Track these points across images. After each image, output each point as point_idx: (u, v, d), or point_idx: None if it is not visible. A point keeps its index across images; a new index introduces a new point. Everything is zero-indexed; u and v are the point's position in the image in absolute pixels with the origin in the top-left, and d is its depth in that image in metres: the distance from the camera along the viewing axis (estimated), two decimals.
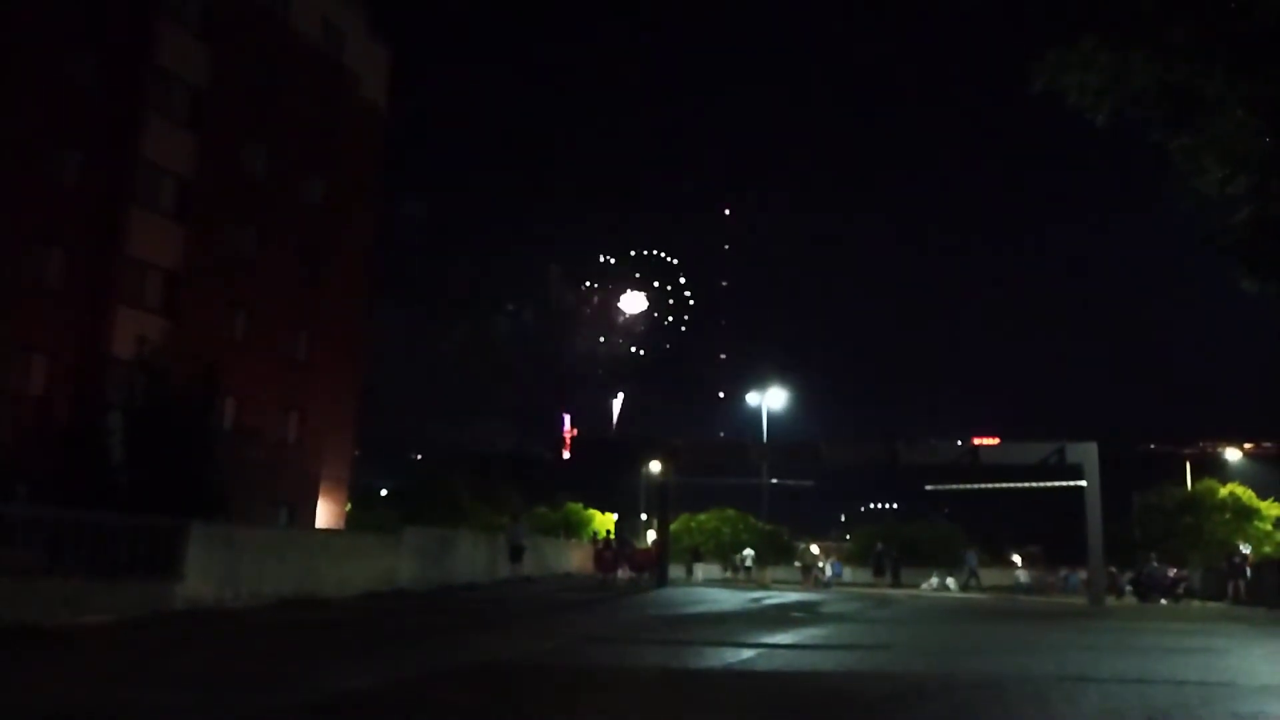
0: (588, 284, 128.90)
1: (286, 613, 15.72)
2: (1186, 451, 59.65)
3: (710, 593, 28.27)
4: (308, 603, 17.07)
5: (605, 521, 45.29)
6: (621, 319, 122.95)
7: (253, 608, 15.87)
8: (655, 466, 40.09)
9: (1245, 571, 29.18)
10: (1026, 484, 35.33)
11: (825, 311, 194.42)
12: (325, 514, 34.63)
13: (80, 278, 26.54)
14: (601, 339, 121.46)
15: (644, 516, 53.51)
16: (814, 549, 48.73)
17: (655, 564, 31.81)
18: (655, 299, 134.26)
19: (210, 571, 15.66)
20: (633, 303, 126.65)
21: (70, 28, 26.70)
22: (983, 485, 41.97)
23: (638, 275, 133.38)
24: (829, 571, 40.58)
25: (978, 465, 32.89)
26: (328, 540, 23.43)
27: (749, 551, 41.64)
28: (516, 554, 26.96)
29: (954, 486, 47.45)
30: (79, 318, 26.27)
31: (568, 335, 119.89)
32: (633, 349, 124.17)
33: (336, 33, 35.88)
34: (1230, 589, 29.16)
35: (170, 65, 29.14)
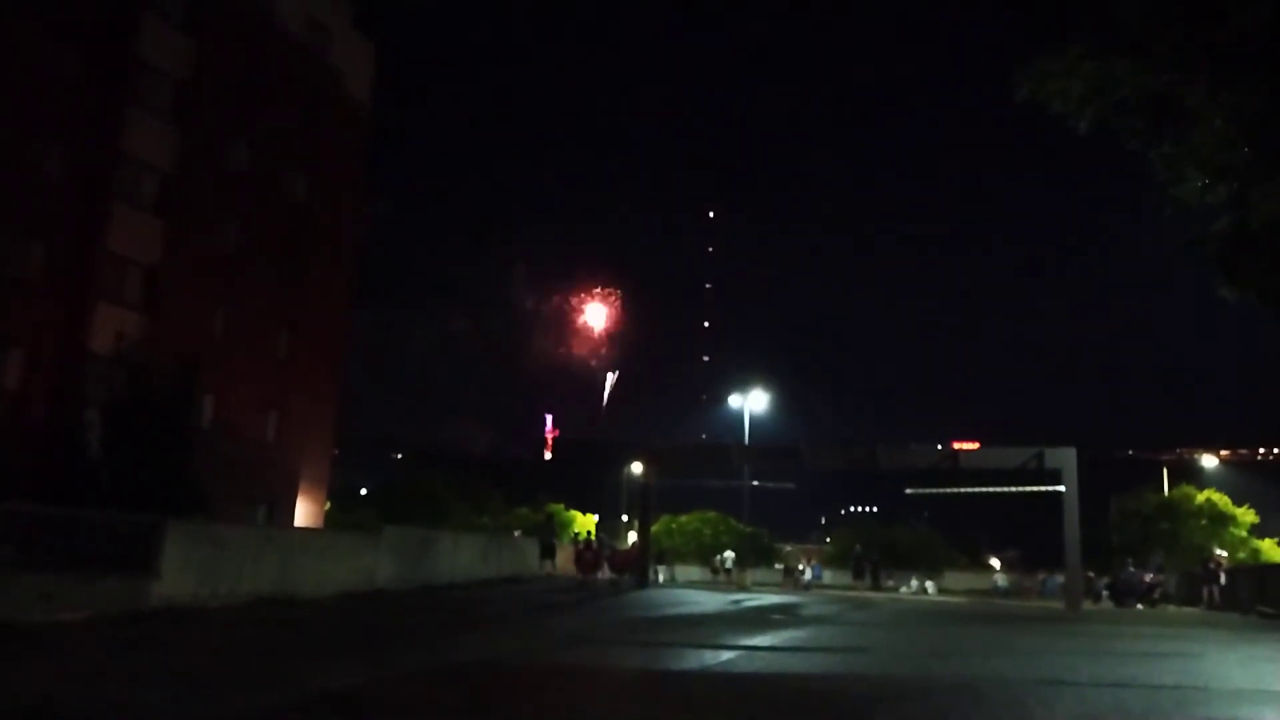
0: (567, 284, 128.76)
1: (264, 611, 15.62)
2: (1164, 457, 60.21)
3: (690, 594, 28.26)
4: (286, 602, 16.96)
5: (586, 523, 45.25)
6: (602, 320, 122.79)
7: (230, 606, 15.76)
8: (637, 468, 40.05)
9: (1219, 577, 29.42)
10: (1006, 488, 35.50)
11: (806, 315, 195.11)
12: (304, 513, 34.45)
13: (59, 272, 26.30)
14: (581, 340, 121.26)
15: (625, 518, 53.48)
16: (788, 548, 48.83)
17: (635, 565, 31.79)
18: (636, 301, 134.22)
19: (187, 569, 15.55)
20: (613, 305, 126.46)
21: (52, 19, 26.47)
22: (962, 489, 42.17)
23: (619, 276, 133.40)
24: (809, 574, 40.66)
25: (957, 469, 33.02)
26: (307, 539, 23.28)
27: (730, 553, 41.68)
28: (548, 551, 29.37)
29: (934, 490, 47.66)
30: (57, 312, 26.04)
31: (546, 336, 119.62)
32: (614, 351, 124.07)
33: (321, 28, 35.72)
34: (1205, 594, 29.40)
35: (153, 58, 28.93)
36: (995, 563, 45.17)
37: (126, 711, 6.76)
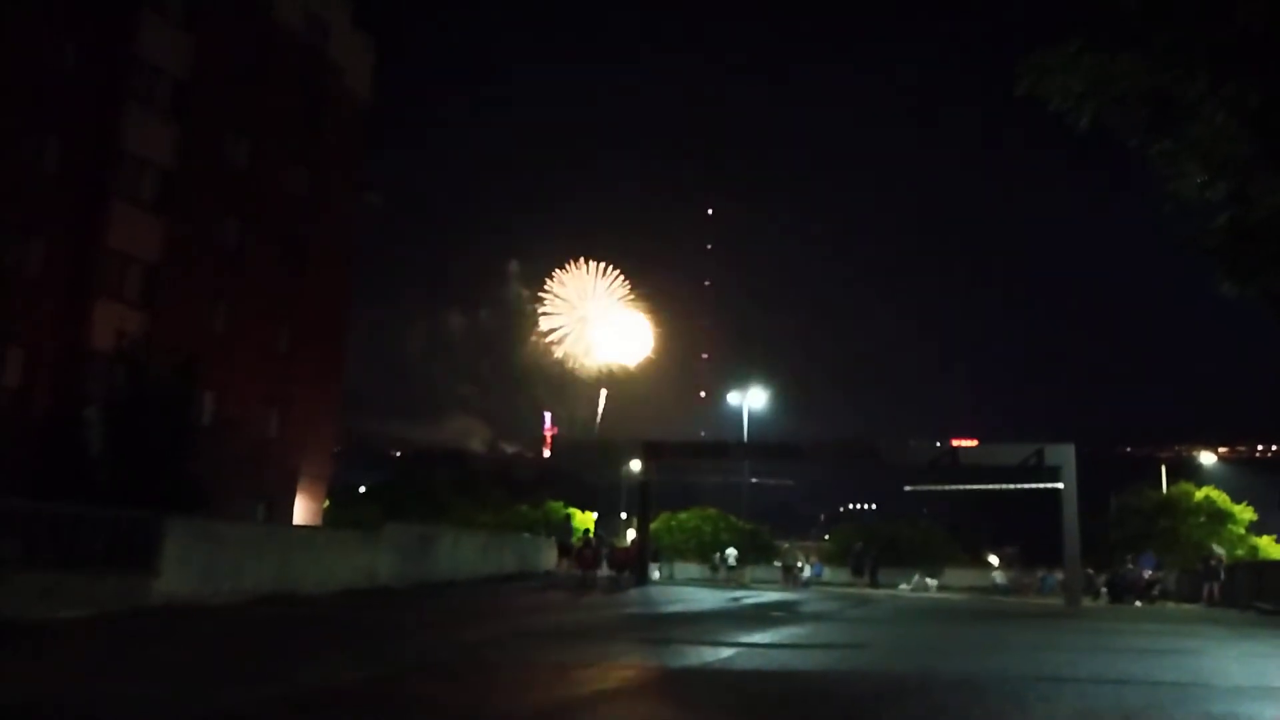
0: (566, 282, 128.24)
1: (265, 609, 15.63)
2: (1163, 455, 60.31)
3: (689, 591, 28.29)
4: (286, 599, 16.97)
5: (585, 520, 45.26)
6: (600, 317, 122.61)
7: (231, 604, 15.76)
8: (636, 465, 40.04)
9: (1219, 574, 29.43)
10: (1005, 485, 35.53)
11: (808, 313, 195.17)
12: (304, 510, 34.44)
13: (59, 269, 26.28)
14: (580, 337, 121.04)
15: (624, 515, 53.47)
16: (787, 545, 48.80)
17: (635, 563, 31.82)
18: (637, 299, 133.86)
19: (188, 567, 15.54)
20: (613, 302, 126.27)
21: (51, 15, 26.43)
22: (961, 486, 42.21)
23: (620, 272, 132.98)
24: (808, 571, 40.63)
25: (957, 466, 33.06)
26: (307, 536, 23.30)
27: (731, 550, 41.66)
28: (565, 550, 31.08)
29: (933, 487, 47.68)
30: (58, 309, 26.02)
31: (543, 334, 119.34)
32: (614, 348, 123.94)
33: (320, 24, 35.68)
34: (1205, 591, 29.39)
35: (152, 55, 28.89)
36: (994, 559, 45.14)
37: (125, 706, 6.76)
